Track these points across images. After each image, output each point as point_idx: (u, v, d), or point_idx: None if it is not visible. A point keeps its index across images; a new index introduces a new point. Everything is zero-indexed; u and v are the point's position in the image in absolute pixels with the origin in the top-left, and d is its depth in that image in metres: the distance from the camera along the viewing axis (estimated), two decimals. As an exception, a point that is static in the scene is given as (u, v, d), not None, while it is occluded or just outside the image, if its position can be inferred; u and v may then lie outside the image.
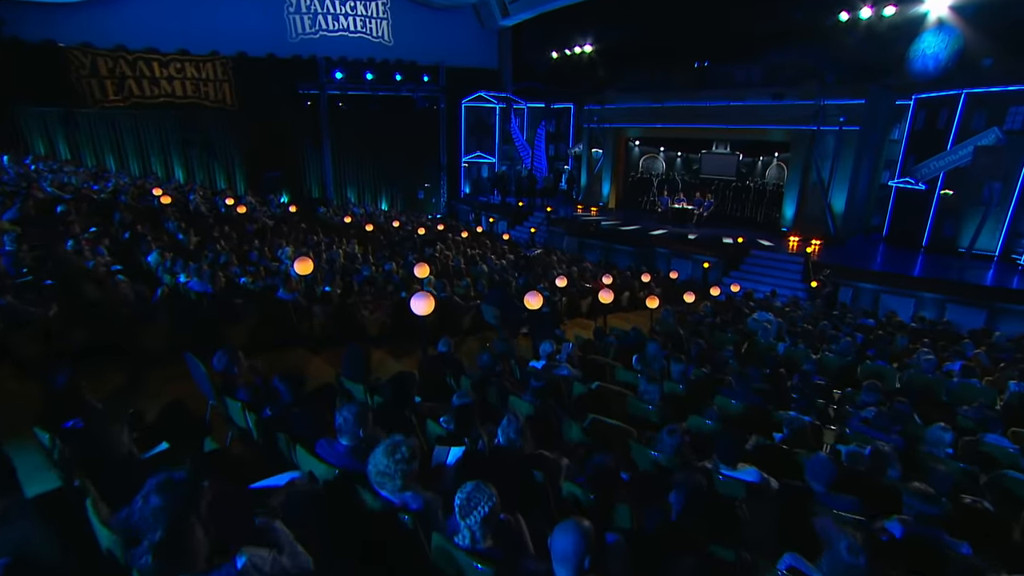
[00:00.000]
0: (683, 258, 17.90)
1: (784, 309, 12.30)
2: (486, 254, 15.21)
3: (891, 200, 19.36)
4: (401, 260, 12.56)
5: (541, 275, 12.40)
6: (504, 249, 16.91)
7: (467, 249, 15.50)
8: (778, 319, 11.04)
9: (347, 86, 23.42)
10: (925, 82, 17.51)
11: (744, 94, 19.47)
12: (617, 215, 23.37)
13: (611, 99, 23.26)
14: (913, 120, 18.39)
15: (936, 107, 17.45)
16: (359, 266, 11.00)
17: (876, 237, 20.18)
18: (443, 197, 27.85)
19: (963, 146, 16.16)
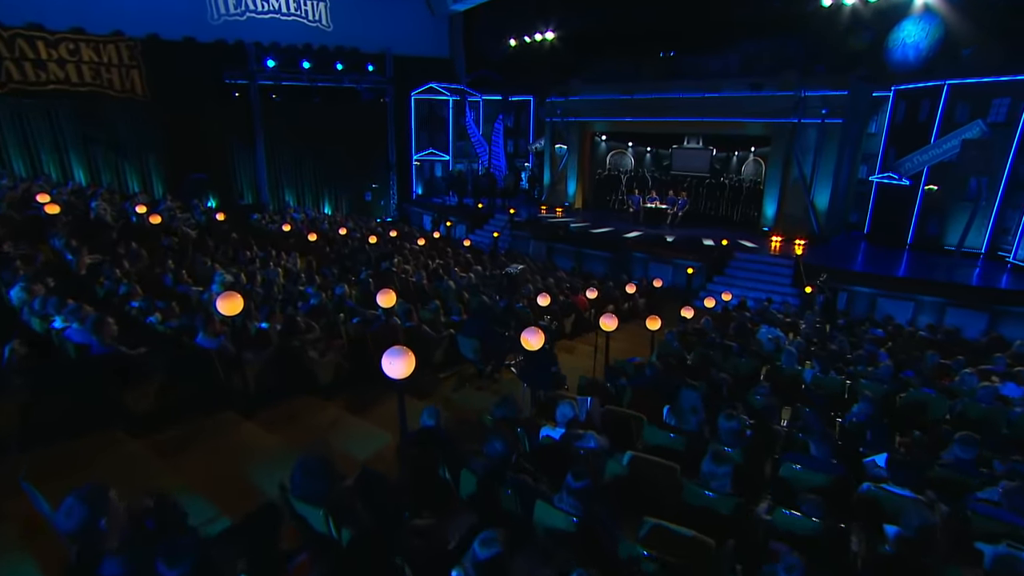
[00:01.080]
0: (662, 263, 17.17)
1: (787, 320, 11.54)
2: (449, 265, 13.89)
3: (872, 196, 19.26)
4: (354, 278, 11.07)
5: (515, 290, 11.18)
6: (468, 258, 15.62)
7: (427, 260, 14.11)
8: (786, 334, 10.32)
9: (281, 76, 21.52)
10: (905, 72, 17.37)
11: (719, 85, 18.92)
12: (585, 216, 22.52)
13: (575, 91, 22.38)
14: (893, 112, 18.30)
15: (917, 98, 17.35)
16: (303, 287, 9.47)
17: (856, 235, 20.06)
18: (393, 199, 26.34)
19: (947, 139, 16.00)
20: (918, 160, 16.73)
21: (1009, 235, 16.15)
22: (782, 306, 14.01)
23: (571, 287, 13.49)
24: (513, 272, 8.21)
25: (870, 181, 19.34)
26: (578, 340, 11.34)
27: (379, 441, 5.54)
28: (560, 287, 13.35)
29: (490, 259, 16.58)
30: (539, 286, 12.36)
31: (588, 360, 9.83)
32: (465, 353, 7.72)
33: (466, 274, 13.26)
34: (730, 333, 10.53)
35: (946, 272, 14.93)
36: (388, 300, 6.63)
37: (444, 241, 19.70)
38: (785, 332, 10.35)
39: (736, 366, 8.15)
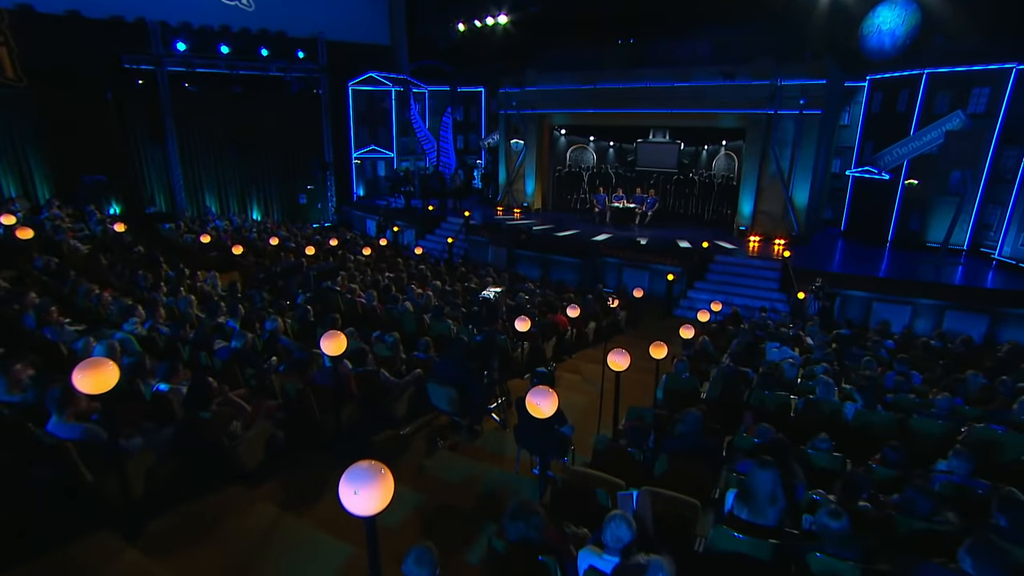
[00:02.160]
0: (638, 268, 16.27)
1: (789, 333, 10.62)
2: (403, 281, 12.32)
3: (848, 191, 19.06)
4: (289, 303, 9.36)
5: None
6: (423, 270, 14.08)
7: (376, 275, 12.49)
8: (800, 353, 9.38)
9: (195, 61, 19.23)
10: (881, 60, 17.06)
11: (689, 74, 18.10)
12: (546, 217, 21.53)
13: (531, 80, 21.27)
14: (869, 103, 18.08)
15: (895, 88, 17.16)
16: (223, 319, 7.74)
17: (832, 232, 19.75)
18: (331, 202, 24.41)
19: (928, 131, 15.77)
20: (898, 153, 16.46)
21: (991, 231, 16.02)
22: (773, 314, 13.21)
23: (544, 301, 12.21)
24: (491, 298, 6.78)
25: (846, 175, 19.05)
26: (561, 367, 10.04)
27: (335, 556, 4.02)
28: (532, 301, 12.07)
29: (448, 270, 15.08)
30: (510, 303, 10.99)
31: (578, 395, 8.58)
32: (437, 403, 6.26)
33: (424, 291, 11.77)
34: (734, 352, 9.53)
35: (934, 271, 14.68)
36: (336, 346, 5.09)
37: (392, 250, 18.12)
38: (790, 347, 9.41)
39: (761, 400, 7.03)
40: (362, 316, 10.01)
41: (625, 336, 13.01)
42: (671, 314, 15.02)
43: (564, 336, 10.40)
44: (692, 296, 15.34)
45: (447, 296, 11.48)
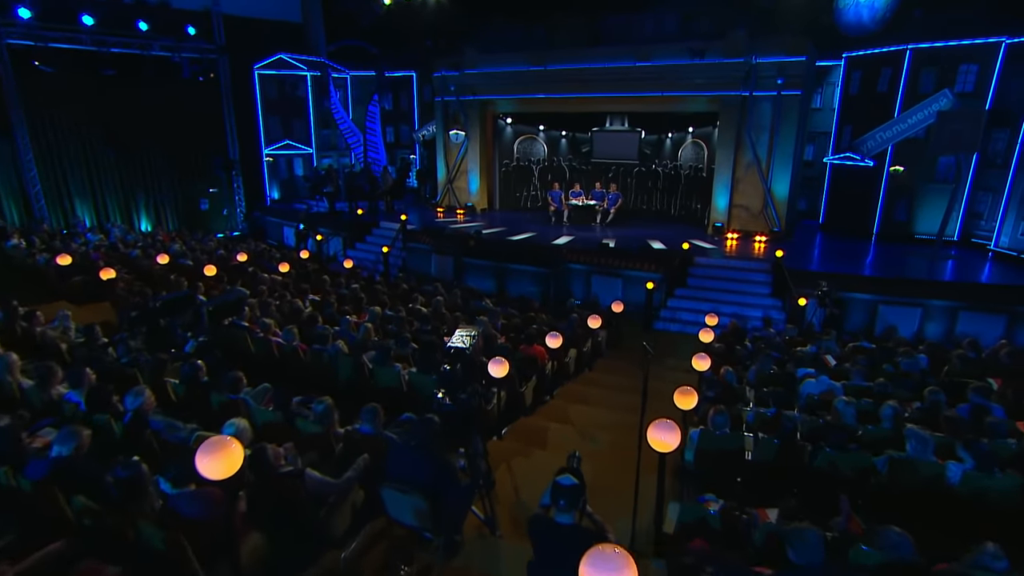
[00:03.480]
0: (608, 275, 14.93)
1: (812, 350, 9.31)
2: (331, 305, 10.22)
3: (826, 180, 18.45)
4: (174, 352, 7.11)
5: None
6: (357, 290, 11.96)
7: (297, 301, 10.31)
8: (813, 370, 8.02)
9: (47, 34, 16.13)
10: (858, 36, 16.46)
11: (651, 52, 16.98)
12: (494, 218, 20.12)
13: (471, 62, 19.82)
14: (845, 83, 17.54)
15: (875, 66, 16.58)
16: (62, 392, 5.51)
17: (809, 225, 19.10)
18: (240, 207, 22.11)
19: (914, 112, 15.26)
20: (881, 137, 15.86)
21: (983, 220, 15.57)
22: (779, 325, 12.00)
23: (510, 326, 10.46)
24: (465, 349, 4.89)
25: (823, 163, 18.44)
26: (540, 413, 8.31)
27: None
28: (495, 324, 10.27)
29: (387, 287, 13.04)
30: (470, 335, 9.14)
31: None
32: (398, 516, 4.34)
33: (360, 320, 9.73)
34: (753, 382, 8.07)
35: (928, 266, 14.08)
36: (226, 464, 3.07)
37: (316, 263, 16.00)
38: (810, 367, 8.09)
39: (830, 462, 5.51)
40: (279, 363, 7.90)
41: (607, 359, 11.53)
42: (651, 327, 13.68)
43: (545, 373, 8.63)
44: (673, 306, 14.08)
45: (390, 324, 9.52)
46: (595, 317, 10.38)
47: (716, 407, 6.05)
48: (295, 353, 7.85)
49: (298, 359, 7.85)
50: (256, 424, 5.64)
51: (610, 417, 8.24)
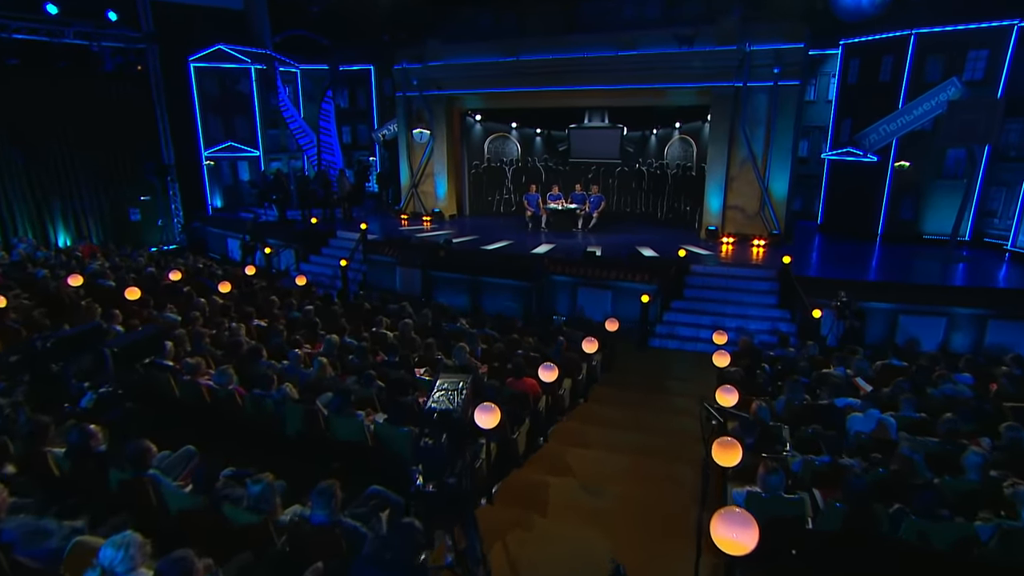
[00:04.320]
0: (595, 287, 14.03)
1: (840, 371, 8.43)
2: (279, 332, 8.99)
3: (824, 178, 18.07)
4: (70, 408, 5.81)
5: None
6: (310, 312, 10.73)
7: (238, 328, 9.03)
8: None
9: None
10: (856, 21, 16.04)
11: (635, 40, 16.29)
12: (465, 226, 19.35)
13: (435, 54, 19.01)
14: (843, 73, 17.19)
15: (876, 54, 16.25)
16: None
17: (805, 226, 18.62)
18: (177, 217, 20.70)
19: (920, 102, 14.92)
20: (885, 131, 15.50)
21: (996, 217, 15.14)
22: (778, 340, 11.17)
23: (491, 353, 9.43)
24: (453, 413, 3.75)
25: (819, 160, 18.08)
26: (534, 462, 7.24)
27: None
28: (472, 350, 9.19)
29: (346, 309, 11.84)
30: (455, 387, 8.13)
31: (588, 526, 5.76)
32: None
33: (313, 351, 8.57)
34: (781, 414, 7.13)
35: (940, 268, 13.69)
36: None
37: (264, 280, 14.80)
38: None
39: (919, 533, 4.54)
40: (211, 412, 6.64)
41: (601, 385, 10.54)
42: (646, 345, 12.82)
43: (539, 412, 7.55)
44: (670, 320, 13.28)
45: (351, 356, 8.39)
46: (591, 340, 9.34)
47: (767, 463, 5.01)
48: (231, 399, 6.61)
49: (235, 407, 6.61)
50: (170, 510, 4.43)
51: (616, 463, 7.27)
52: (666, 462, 7.40)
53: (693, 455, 7.73)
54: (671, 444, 7.99)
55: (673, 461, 7.40)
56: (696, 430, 8.58)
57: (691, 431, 8.06)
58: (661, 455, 7.63)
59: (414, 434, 5.77)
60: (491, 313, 13.33)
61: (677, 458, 7.49)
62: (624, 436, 8.18)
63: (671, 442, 8.07)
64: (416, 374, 8.33)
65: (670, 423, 8.86)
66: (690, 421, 8.50)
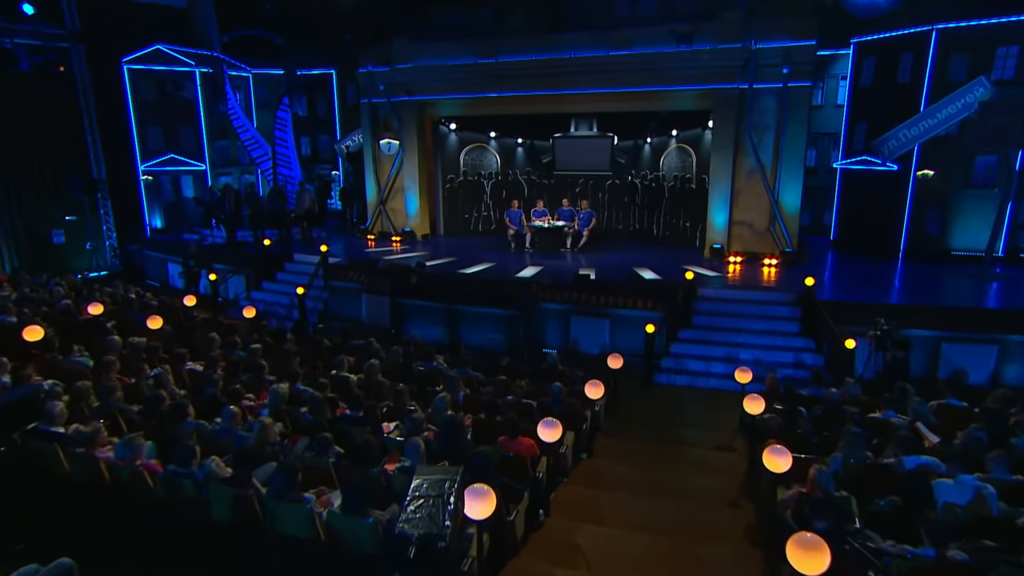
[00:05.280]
0: (591, 316, 13.17)
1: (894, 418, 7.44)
2: (214, 382, 7.79)
3: (836, 189, 17.69)
4: None
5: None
6: (256, 352, 9.52)
7: (164, 375, 7.77)
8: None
9: None
10: (870, 17, 15.78)
11: (628, 38, 15.86)
12: (440, 247, 18.73)
13: (403, 55, 18.51)
14: (855, 74, 16.89)
15: (893, 52, 15.87)
16: None
17: (815, 242, 18.20)
18: (110, 239, 19.90)
19: (944, 105, 14.38)
20: (905, 136, 14.99)
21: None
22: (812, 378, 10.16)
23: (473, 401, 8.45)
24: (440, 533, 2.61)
25: (830, 169, 17.81)
26: (535, 545, 6.14)
27: None
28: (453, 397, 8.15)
29: (302, 346, 10.67)
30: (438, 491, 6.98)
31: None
32: None
33: (257, 404, 7.43)
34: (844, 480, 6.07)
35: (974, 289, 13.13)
36: None
37: (206, 312, 13.70)
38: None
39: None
40: (112, 496, 5.37)
41: (605, 434, 9.45)
42: (652, 382, 11.93)
43: (538, 480, 6.39)
44: (677, 352, 12.44)
45: (303, 409, 7.26)
46: (595, 383, 8.26)
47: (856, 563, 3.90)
48: (138, 479, 5.33)
49: (144, 488, 5.34)
50: None
51: (634, 545, 6.23)
52: (694, 540, 6.32)
53: (724, 527, 6.73)
54: (696, 513, 6.97)
55: (702, 539, 6.35)
56: (722, 490, 7.74)
57: (717, 493, 7.42)
58: (687, 530, 6.55)
59: (380, 523, 4.67)
60: (472, 347, 12.35)
61: (706, 533, 6.49)
62: (639, 504, 7.14)
63: (695, 510, 7.06)
64: (385, 431, 7.22)
65: (691, 483, 7.88)
66: (713, 479, 7.85)
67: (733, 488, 7.57)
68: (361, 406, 7.35)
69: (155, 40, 19.46)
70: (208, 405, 7.30)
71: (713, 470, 8.30)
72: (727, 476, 7.97)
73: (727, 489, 7.54)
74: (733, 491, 7.50)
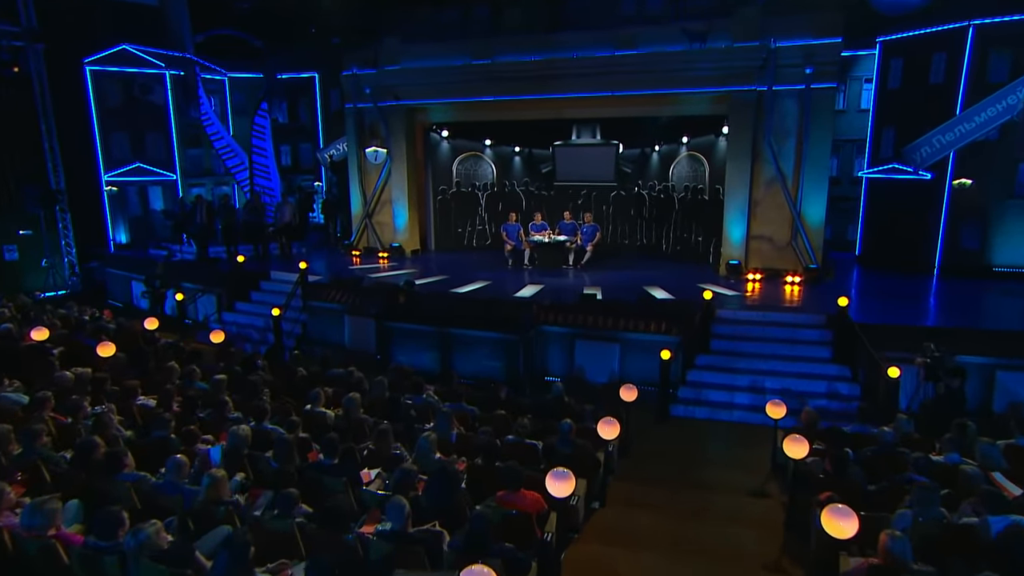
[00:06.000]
0: (598, 340, 12.58)
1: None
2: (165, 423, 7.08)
3: (862, 200, 17.38)
4: None
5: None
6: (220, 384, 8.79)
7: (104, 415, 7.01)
8: None
9: None
10: (898, 14, 15.56)
11: (634, 37, 15.70)
12: (431, 264, 18.49)
13: (392, 56, 18.39)
14: (882, 75, 16.63)
15: (924, 51, 15.64)
16: None
17: (839, 259, 18.07)
18: (69, 256, 19.76)
19: (983, 107, 13.95)
20: (940, 142, 14.69)
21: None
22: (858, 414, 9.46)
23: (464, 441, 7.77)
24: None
25: (855, 178, 17.58)
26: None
27: None
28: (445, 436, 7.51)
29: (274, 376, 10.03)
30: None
31: None
32: None
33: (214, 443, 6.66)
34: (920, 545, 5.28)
35: None
36: None
37: (172, 336, 13.23)
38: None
39: None
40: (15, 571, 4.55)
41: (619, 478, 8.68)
42: (667, 415, 11.25)
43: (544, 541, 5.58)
44: (695, 380, 11.80)
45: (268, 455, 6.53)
46: (610, 421, 7.49)
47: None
48: (50, 554, 4.50)
49: (58, 566, 4.50)
50: None
51: None
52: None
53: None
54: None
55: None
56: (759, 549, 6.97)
57: (752, 552, 6.69)
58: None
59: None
60: (467, 375, 11.92)
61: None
62: (662, 567, 6.41)
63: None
64: (364, 480, 6.47)
65: (720, 538, 7.14)
66: (746, 533, 7.11)
67: (772, 546, 6.81)
68: (336, 451, 6.54)
69: (121, 39, 19.44)
70: (157, 450, 6.54)
71: (745, 522, 7.55)
72: (763, 530, 7.22)
73: (765, 547, 6.78)
74: (772, 549, 6.74)
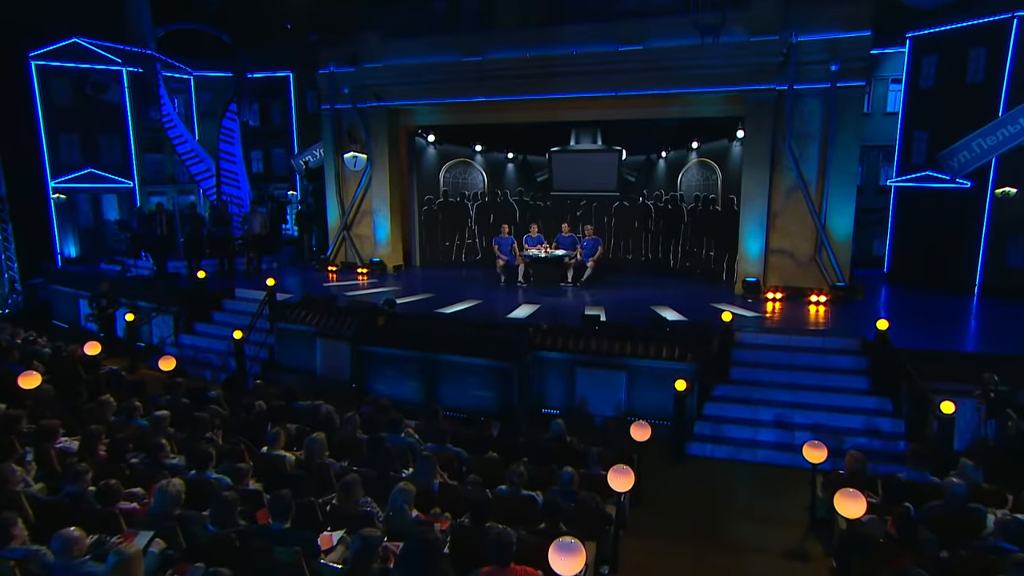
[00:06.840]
0: (601, 368, 11.98)
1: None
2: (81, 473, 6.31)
3: (891, 212, 17.04)
4: None
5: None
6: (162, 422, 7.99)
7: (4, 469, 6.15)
8: None
9: None
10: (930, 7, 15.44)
11: (641, 31, 15.46)
12: (415, 281, 18.18)
13: (373, 52, 18.31)
14: (913, 73, 16.34)
15: (960, 47, 15.33)
16: None
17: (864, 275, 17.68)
18: (11, 272, 19.43)
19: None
20: (979, 147, 14.47)
21: None
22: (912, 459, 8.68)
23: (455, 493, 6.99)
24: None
25: (882, 187, 17.60)
26: None
27: None
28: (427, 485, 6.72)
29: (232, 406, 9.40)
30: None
31: None
32: None
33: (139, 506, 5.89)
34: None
35: None
36: None
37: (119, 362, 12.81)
38: None
39: None
40: None
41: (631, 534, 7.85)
42: (683, 453, 10.52)
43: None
44: (713, 414, 11.11)
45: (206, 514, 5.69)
46: (623, 471, 6.64)
47: None
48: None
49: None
50: None
51: None
52: None
53: None
54: None
55: None
56: None
57: None
58: None
59: None
60: (453, 408, 11.40)
61: None
62: None
63: None
64: (323, 547, 5.60)
65: None
66: None
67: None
68: (288, 513, 5.64)
69: (72, 32, 19.38)
70: (66, 511, 5.65)
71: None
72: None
73: None
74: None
